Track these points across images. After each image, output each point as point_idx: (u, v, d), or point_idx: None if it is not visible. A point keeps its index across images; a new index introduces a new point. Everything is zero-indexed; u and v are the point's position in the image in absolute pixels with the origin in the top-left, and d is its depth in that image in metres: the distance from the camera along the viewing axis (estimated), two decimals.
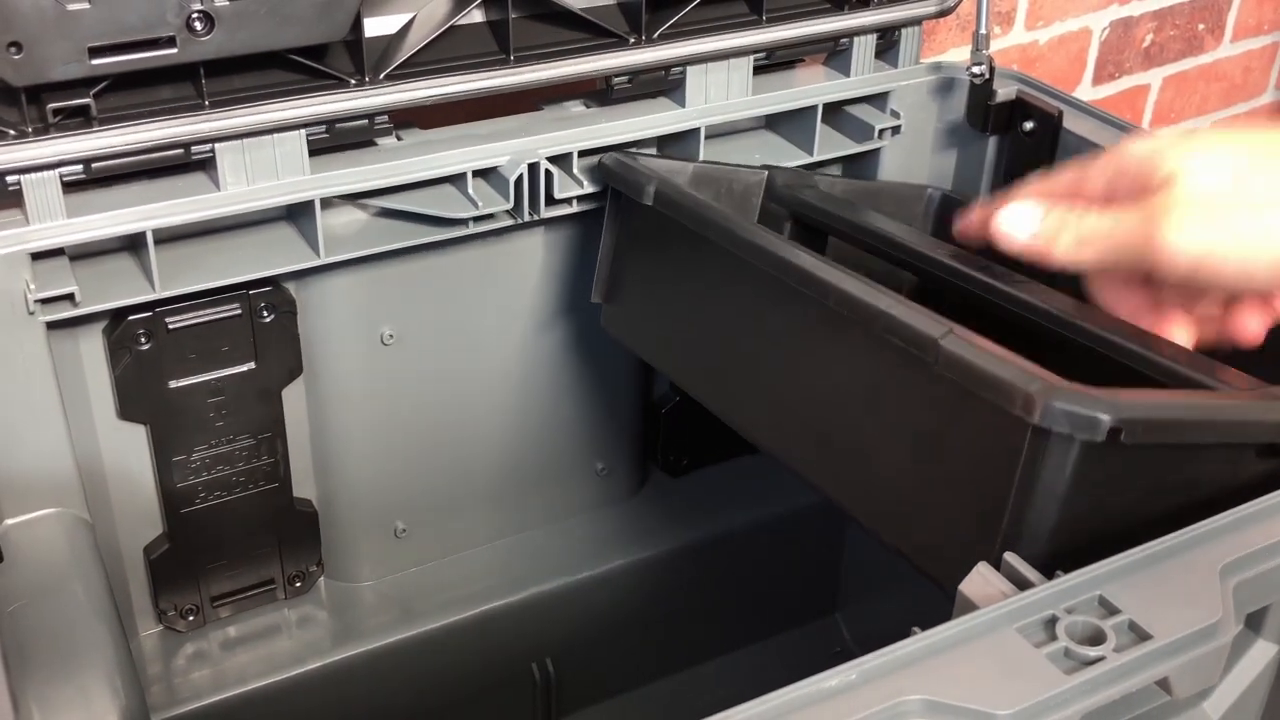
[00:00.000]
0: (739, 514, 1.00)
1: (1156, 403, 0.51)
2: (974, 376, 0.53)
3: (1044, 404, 0.49)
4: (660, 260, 0.79)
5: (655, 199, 0.75)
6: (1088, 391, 0.50)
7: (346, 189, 0.75)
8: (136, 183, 0.72)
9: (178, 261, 0.73)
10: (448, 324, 0.84)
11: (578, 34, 0.79)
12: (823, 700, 0.40)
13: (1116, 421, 0.49)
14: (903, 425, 0.60)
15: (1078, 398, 0.49)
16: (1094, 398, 0.49)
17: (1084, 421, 0.49)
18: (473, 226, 0.79)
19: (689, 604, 1.01)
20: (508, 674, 0.95)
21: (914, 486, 0.60)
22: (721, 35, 0.83)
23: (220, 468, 0.81)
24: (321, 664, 0.86)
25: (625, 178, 0.78)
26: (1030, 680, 0.41)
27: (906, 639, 0.42)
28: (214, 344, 0.77)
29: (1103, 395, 0.50)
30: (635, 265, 0.81)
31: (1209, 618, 0.43)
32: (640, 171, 0.78)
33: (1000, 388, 0.51)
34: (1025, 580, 0.46)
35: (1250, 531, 0.47)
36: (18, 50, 0.63)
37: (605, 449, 0.97)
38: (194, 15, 0.66)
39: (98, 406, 0.76)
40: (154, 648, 0.85)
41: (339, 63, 0.73)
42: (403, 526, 0.91)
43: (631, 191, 0.77)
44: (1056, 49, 1.32)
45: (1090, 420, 0.49)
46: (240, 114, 0.71)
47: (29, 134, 0.66)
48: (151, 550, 0.82)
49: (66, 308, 0.69)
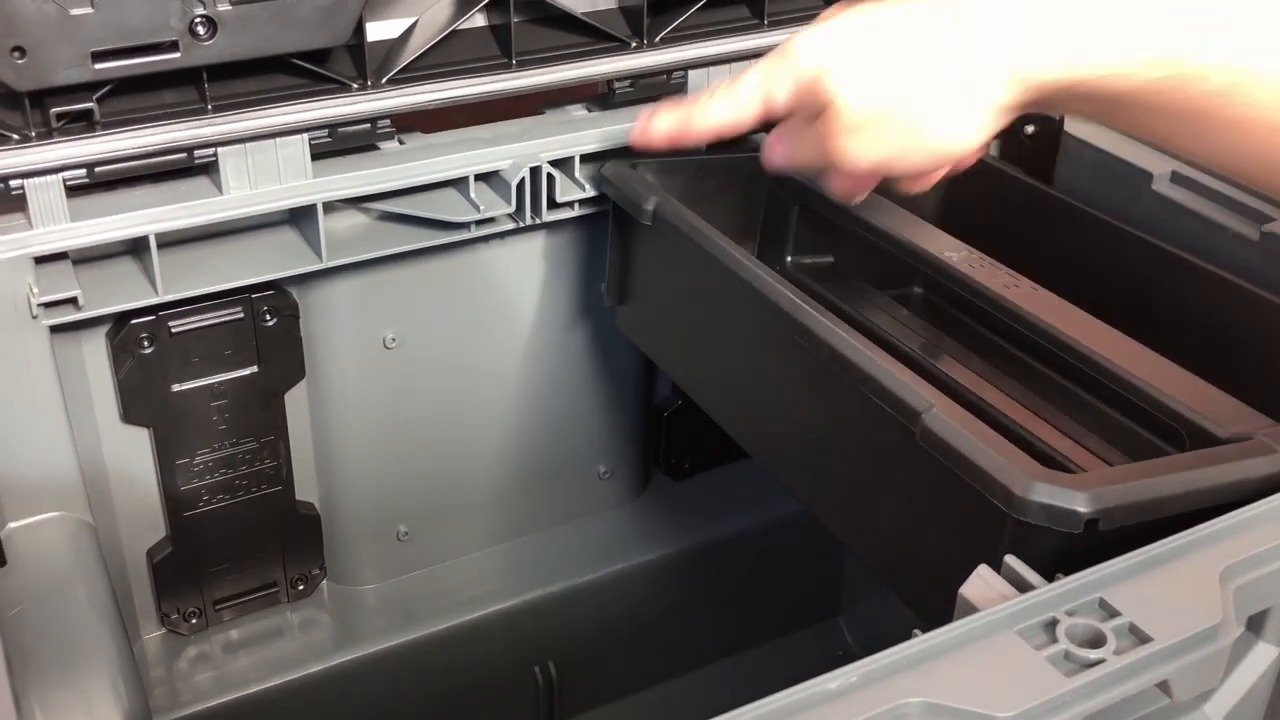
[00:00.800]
0: (742, 517, 1.00)
1: (1135, 485, 0.50)
2: (953, 458, 0.53)
3: (1020, 498, 0.50)
4: (664, 273, 0.79)
5: (653, 219, 0.74)
6: (1065, 482, 0.50)
7: (349, 193, 0.75)
8: (139, 187, 0.72)
9: (180, 265, 0.73)
10: (450, 327, 0.85)
11: (579, 38, 0.80)
12: (823, 703, 0.40)
13: (1094, 513, 0.49)
14: (893, 478, 0.60)
15: (1054, 491, 0.49)
16: (1071, 490, 0.49)
17: (1061, 514, 0.49)
18: (474, 230, 0.79)
19: (692, 607, 1.01)
20: (510, 677, 0.95)
21: (903, 533, 0.61)
22: (723, 39, 0.84)
23: (223, 471, 0.81)
24: (324, 667, 0.86)
25: (624, 192, 0.77)
26: (1030, 683, 0.41)
27: (907, 641, 0.42)
28: (217, 347, 0.77)
29: (1081, 484, 0.50)
30: (641, 274, 0.81)
31: (1209, 620, 0.43)
32: (638, 186, 0.76)
33: (977, 475, 0.52)
34: (1026, 583, 0.46)
35: (1251, 534, 0.47)
36: (21, 55, 0.63)
37: (608, 452, 0.97)
38: (197, 20, 0.66)
39: (101, 410, 0.76)
40: (157, 651, 0.85)
41: (341, 67, 0.74)
42: (405, 530, 0.91)
43: (630, 209, 0.76)
44: None
45: (1067, 513, 0.49)
46: (243, 118, 0.71)
47: (32, 138, 0.67)
48: (154, 553, 0.82)
49: (69, 311, 0.70)
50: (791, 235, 0.83)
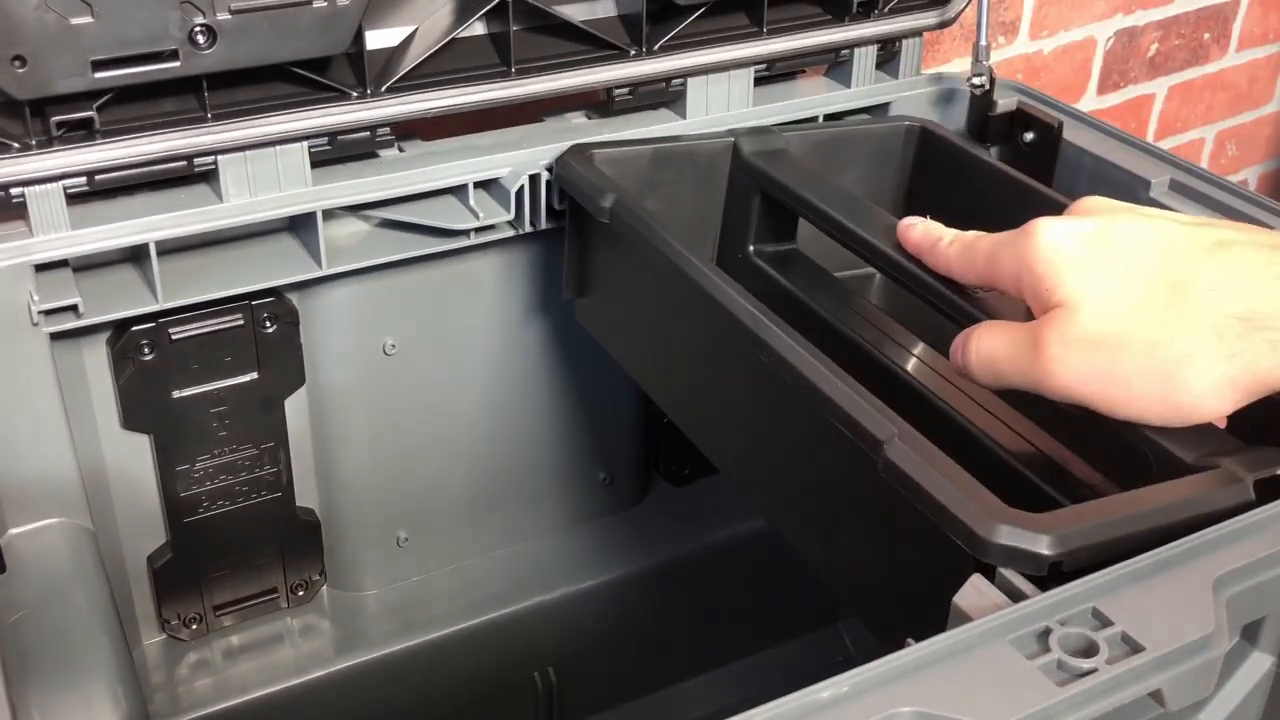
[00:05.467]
0: (741, 523, 1.00)
1: (1099, 525, 0.49)
2: (914, 492, 0.52)
3: (983, 539, 0.48)
4: (623, 272, 0.77)
5: (611, 218, 0.72)
6: (1028, 524, 0.48)
7: (348, 200, 0.76)
8: (140, 195, 0.72)
9: (181, 273, 0.73)
10: (449, 334, 0.85)
11: (579, 46, 0.80)
12: (815, 712, 0.40)
13: (1058, 555, 0.47)
14: (855, 503, 0.59)
15: (1017, 533, 0.47)
16: (1033, 532, 0.47)
17: (1024, 556, 0.48)
18: (474, 237, 0.79)
19: (691, 613, 1.01)
20: (510, 683, 0.95)
21: (865, 561, 0.60)
22: (722, 47, 0.84)
23: (223, 477, 0.81)
24: (324, 673, 0.87)
25: (581, 187, 0.75)
26: (1023, 692, 0.41)
27: (900, 650, 0.42)
28: (217, 354, 0.77)
29: (1044, 526, 0.48)
30: (599, 269, 0.79)
31: (1202, 630, 0.43)
32: (595, 181, 0.74)
33: (940, 513, 0.50)
34: (1019, 592, 0.46)
35: (1245, 544, 0.47)
36: (22, 64, 0.63)
37: (608, 458, 0.97)
38: (197, 29, 0.66)
39: (101, 417, 0.76)
40: (157, 656, 0.85)
41: (341, 75, 0.74)
42: (405, 535, 0.91)
43: (587, 204, 0.74)
44: (1061, 58, 1.32)
45: (1031, 556, 0.47)
46: (243, 126, 0.71)
47: (33, 147, 0.67)
48: (155, 559, 0.83)
49: (70, 319, 0.70)
50: (754, 223, 0.81)
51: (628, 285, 0.77)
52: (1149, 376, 0.50)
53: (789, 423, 0.63)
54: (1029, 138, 0.86)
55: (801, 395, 0.59)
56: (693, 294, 0.66)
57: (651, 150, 0.79)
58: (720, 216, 0.83)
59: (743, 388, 0.66)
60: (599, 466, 0.97)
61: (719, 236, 0.84)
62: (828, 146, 0.84)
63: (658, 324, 0.75)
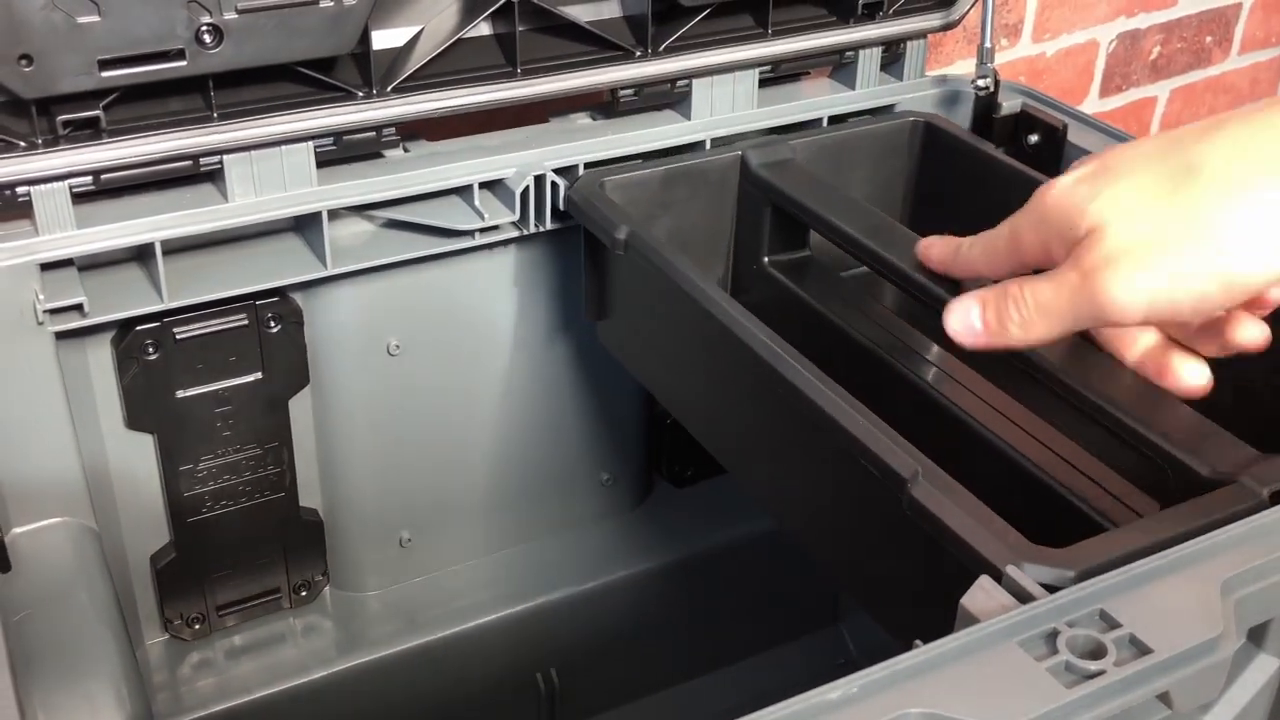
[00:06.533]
0: (744, 524, 1.00)
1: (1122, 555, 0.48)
2: (939, 529, 0.52)
3: (1005, 577, 0.48)
4: (641, 300, 0.78)
5: (626, 250, 0.72)
6: (1051, 560, 0.49)
7: (353, 200, 0.76)
8: (145, 194, 0.72)
9: (186, 272, 0.73)
10: (453, 334, 0.85)
11: (584, 47, 0.80)
12: (825, 712, 0.40)
13: None
14: (879, 530, 0.59)
15: (1040, 571, 0.48)
16: (1056, 569, 0.48)
17: None
18: (479, 238, 0.79)
19: (694, 614, 1.01)
20: (512, 684, 0.95)
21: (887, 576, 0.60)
22: (727, 48, 0.84)
23: (227, 477, 0.81)
24: (327, 673, 0.87)
25: (593, 219, 0.75)
26: (1031, 694, 0.41)
27: (908, 652, 0.42)
28: (221, 354, 0.77)
29: (1067, 561, 0.48)
30: (618, 295, 0.80)
31: (1210, 632, 0.43)
32: (607, 213, 0.74)
33: (964, 550, 0.51)
34: (1027, 594, 0.46)
35: (1252, 546, 0.47)
36: (28, 63, 0.63)
37: (610, 459, 0.97)
38: (203, 28, 0.66)
39: (105, 416, 0.76)
40: (160, 656, 0.85)
41: (347, 75, 0.74)
42: (408, 536, 0.91)
43: (602, 236, 0.74)
44: (1064, 61, 1.32)
45: None
46: (249, 126, 0.71)
47: (39, 146, 0.67)
48: (158, 559, 0.83)
49: (75, 318, 0.70)
50: (766, 235, 0.81)
51: (647, 313, 0.78)
52: (1197, 258, 0.50)
53: (812, 453, 0.63)
54: (1033, 140, 0.87)
55: (824, 430, 0.59)
56: (710, 326, 0.66)
57: (662, 171, 0.80)
58: (733, 230, 0.84)
59: (766, 419, 0.67)
60: (601, 467, 0.97)
61: (733, 248, 0.84)
62: (835, 150, 0.85)
63: (677, 352, 0.75)
